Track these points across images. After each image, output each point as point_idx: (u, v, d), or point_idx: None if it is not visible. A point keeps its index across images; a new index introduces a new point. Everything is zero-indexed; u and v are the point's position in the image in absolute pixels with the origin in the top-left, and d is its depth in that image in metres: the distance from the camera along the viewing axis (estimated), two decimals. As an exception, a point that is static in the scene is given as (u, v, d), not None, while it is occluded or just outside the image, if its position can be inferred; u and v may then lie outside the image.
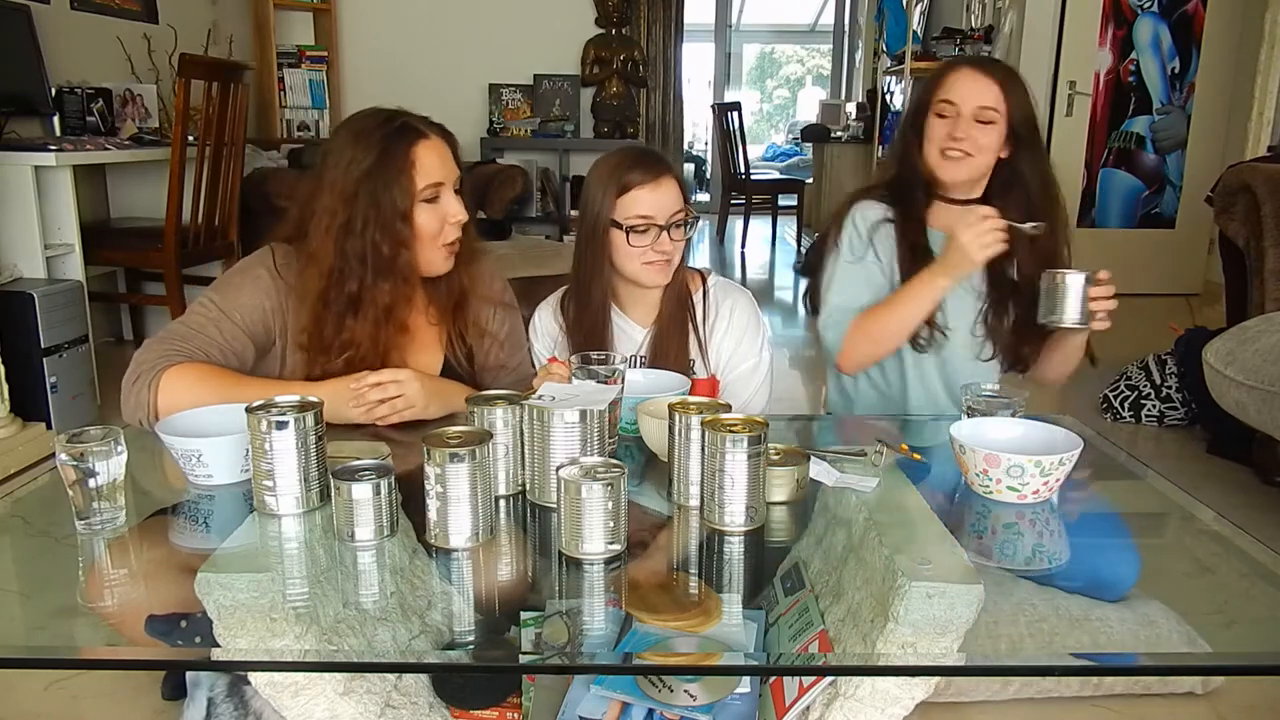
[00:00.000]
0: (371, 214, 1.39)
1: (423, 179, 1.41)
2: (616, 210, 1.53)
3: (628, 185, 1.53)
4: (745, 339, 1.65)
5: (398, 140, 1.41)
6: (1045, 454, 1.11)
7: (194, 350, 1.37)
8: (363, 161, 1.39)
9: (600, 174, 1.57)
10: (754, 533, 1.06)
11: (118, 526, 1.06)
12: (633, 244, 1.53)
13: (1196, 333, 2.90)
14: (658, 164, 1.56)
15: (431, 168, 1.42)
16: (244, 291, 1.44)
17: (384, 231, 1.40)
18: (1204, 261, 5.04)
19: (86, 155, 2.93)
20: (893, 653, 0.86)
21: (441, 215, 1.44)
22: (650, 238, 1.53)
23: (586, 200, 1.58)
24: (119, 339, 3.84)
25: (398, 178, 1.39)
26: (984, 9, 5.80)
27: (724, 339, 1.64)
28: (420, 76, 5.38)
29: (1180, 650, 0.93)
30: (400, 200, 1.39)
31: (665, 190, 1.54)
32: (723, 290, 1.68)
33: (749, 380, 1.65)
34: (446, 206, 1.44)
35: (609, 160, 1.58)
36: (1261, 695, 1.55)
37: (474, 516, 1.01)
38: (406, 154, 1.40)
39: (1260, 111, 4.48)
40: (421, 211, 1.42)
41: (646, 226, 1.52)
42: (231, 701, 1.23)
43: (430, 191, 1.42)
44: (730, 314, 1.65)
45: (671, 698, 1.11)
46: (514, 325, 1.65)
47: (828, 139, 7.33)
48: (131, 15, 3.94)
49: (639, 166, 1.54)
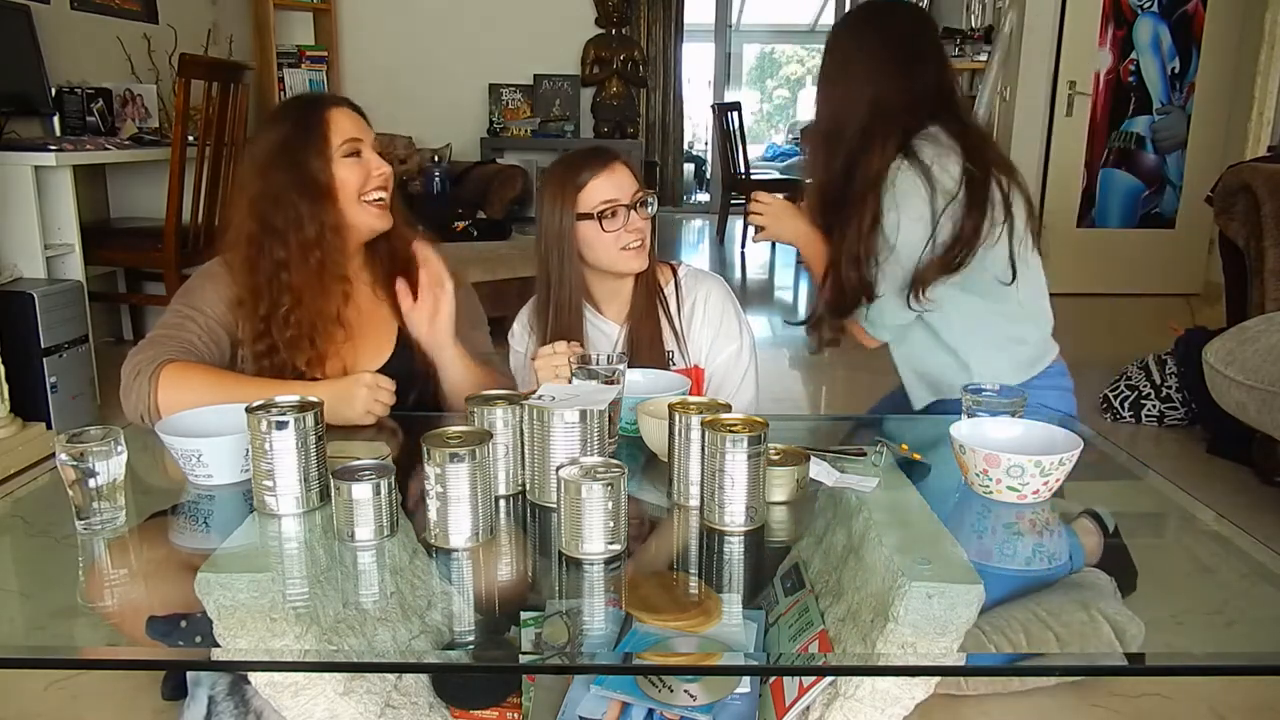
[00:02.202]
0: (292, 177, 1.44)
1: (338, 137, 1.47)
2: (579, 205, 1.55)
3: (583, 179, 1.55)
4: (723, 324, 1.66)
5: (309, 109, 1.49)
6: (1045, 454, 1.11)
7: (181, 346, 1.40)
8: (276, 136, 1.47)
9: (553, 181, 1.59)
10: (754, 533, 1.06)
11: (118, 526, 1.06)
12: (606, 229, 1.54)
13: (1196, 333, 2.90)
14: (605, 153, 1.60)
15: (346, 128, 1.48)
16: (206, 290, 1.49)
17: (303, 189, 1.44)
18: (1204, 261, 5.04)
19: (86, 155, 2.93)
20: (893, 653, 0.86)
21: (365, 169, 1.49)
22: (621, 219, 1.55)
23: (543, 210, 1.59)
24: (119, 339, 3.85)
25: (313, 139, 1.46)
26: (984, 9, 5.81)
27: (701, 328, 1.66)
28: (420, 76, 5.38)
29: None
30: (315, 159, 1.45)
31: (620, 174, 1.58)
32: (694, 279, 1.69)
33: (734, 366, 1.66)
34: (369, 161, 1.50)
35: (556, 168, 1.61)
36: (1262, 695, 1.55)
37: (474, 516, 1.02)
38: (321, 118, 1.47)
39: (1260, 111, 4.48)
40: (342, 166, 1.47)
41: (613, 209, 1.55)
42: (232, 700, 1.23)
43: (349, 147, 1.48)
44: (705, 301, 1.66)
45: (671, 698, 1.11)
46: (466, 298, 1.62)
47: (828, 139, 7.31)
48: (131, 15, 3.94)
49: (588, 161, 1.58)
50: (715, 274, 1.74)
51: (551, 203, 1.57)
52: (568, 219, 1.55)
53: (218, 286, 1.48)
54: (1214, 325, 2.77)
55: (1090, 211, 5.21)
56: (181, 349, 1.40)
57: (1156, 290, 5.18)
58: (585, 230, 1.55)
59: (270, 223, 1.44)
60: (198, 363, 1.40)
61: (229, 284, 1.48)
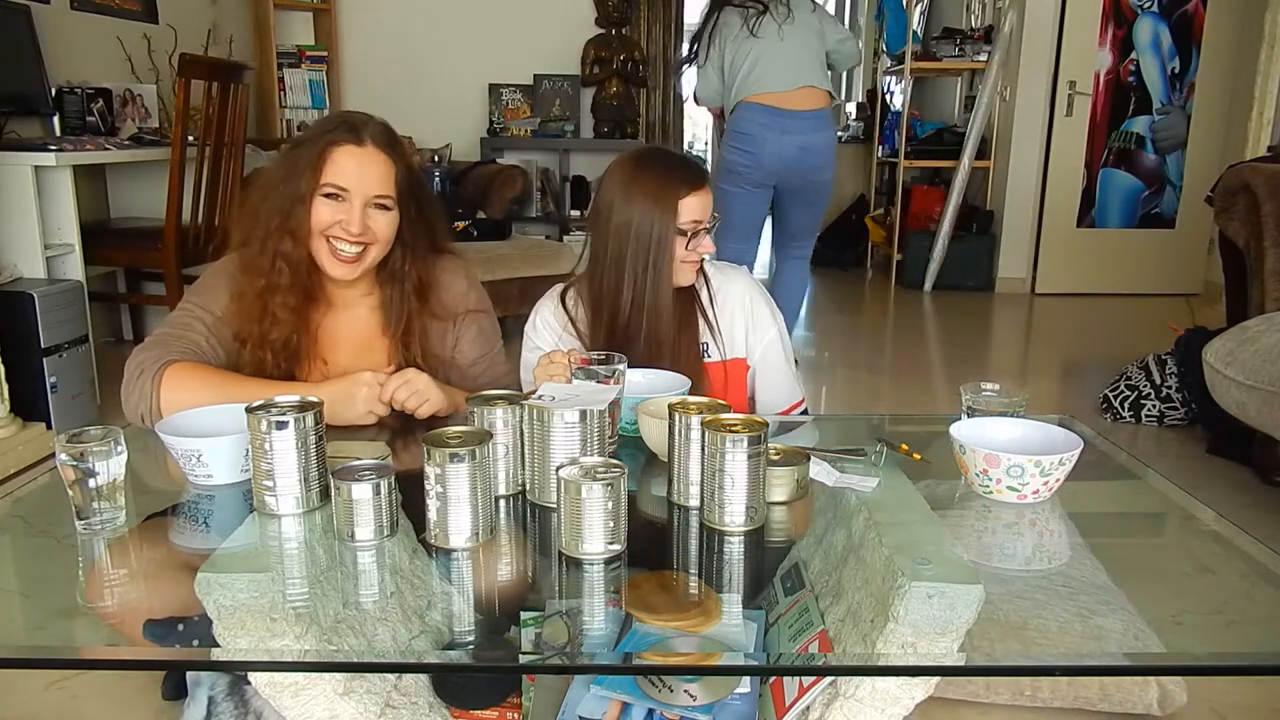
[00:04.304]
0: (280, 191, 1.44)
1: (328, 176, 1.42)
2: (679, 217, 1.54)
3: (684, 193, 1.54)
4: (755, 314, 1.67)
5: (326, 133, 1.44)
6: (1045, 454, 1.11)
7: (186, 347, 1.40)
8: (291, 150, 1.47)
9: (648, 184, 1.54)
10: (754, 533, 1.06)
11: (118, 526, 1.06)
12: (689, 248, 1.56)
13: (1196, 333, 2.90)
14: (701, 171, 1.60)
15: (342, 172, 1.42)
16: (219, 289, 1.48)
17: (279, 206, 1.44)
18: (1204, 261, 5.04)
19: (86, 155, 2.93)
20: (893, 653, 0.86)
21: (336, 217, 1.42)
22: (700, 240, 1.57)
23: (634, 210, 1.54)
24: (119, 339, 3.85)
25: (309, 165, 1.42)
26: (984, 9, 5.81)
27: (735, 315, 1.67)
28: (420, 76, 5.37)
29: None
30: (302, 185, 1.42)
31: (708, 196, 1.58)
32: (719, 270, 1.70)
33: (773, 352, 1.68)
34: (348, 213, 1.42)
35: (650, 169, 1.56)
36: (1262, 695, 1.55)
37: (474, 516, 1.02)
38: (325, 149, 1.42)
39: (1260, 111, 4.48)
40: (320, 205, 1.42)
41: (697, 230, 1.56)
42: (232, 700, 1.23)
43: (330, 189, 1.42)
44: (735, 292, 1.67)
45: (671, 698, 1.11)
46: (480, 327, 1.62)
47: (828, 139, 7.32)
48: (131, 15, 3.94)
49: (688, 175, 1.57)
50: (738, 265, 1.75)
51: (648, 206, 1.53)
52: (668, 229, 1.53)
53: (229, 285, 1.48)
54: (1214, 325, 2.77)
55: (1090, 211, 5.21)
56: (186, 349, 1.40)
57: (1156, 290, 5.18)
58: (676, 243, 1.56)
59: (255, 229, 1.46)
60: (201, 363, 1.39)
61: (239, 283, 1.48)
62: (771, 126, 3.15)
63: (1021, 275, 5.37)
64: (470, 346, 1.59)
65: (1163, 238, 5.21)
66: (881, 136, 6.16)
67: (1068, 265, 5.27)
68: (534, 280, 3.66)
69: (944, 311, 5.02)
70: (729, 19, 3.22)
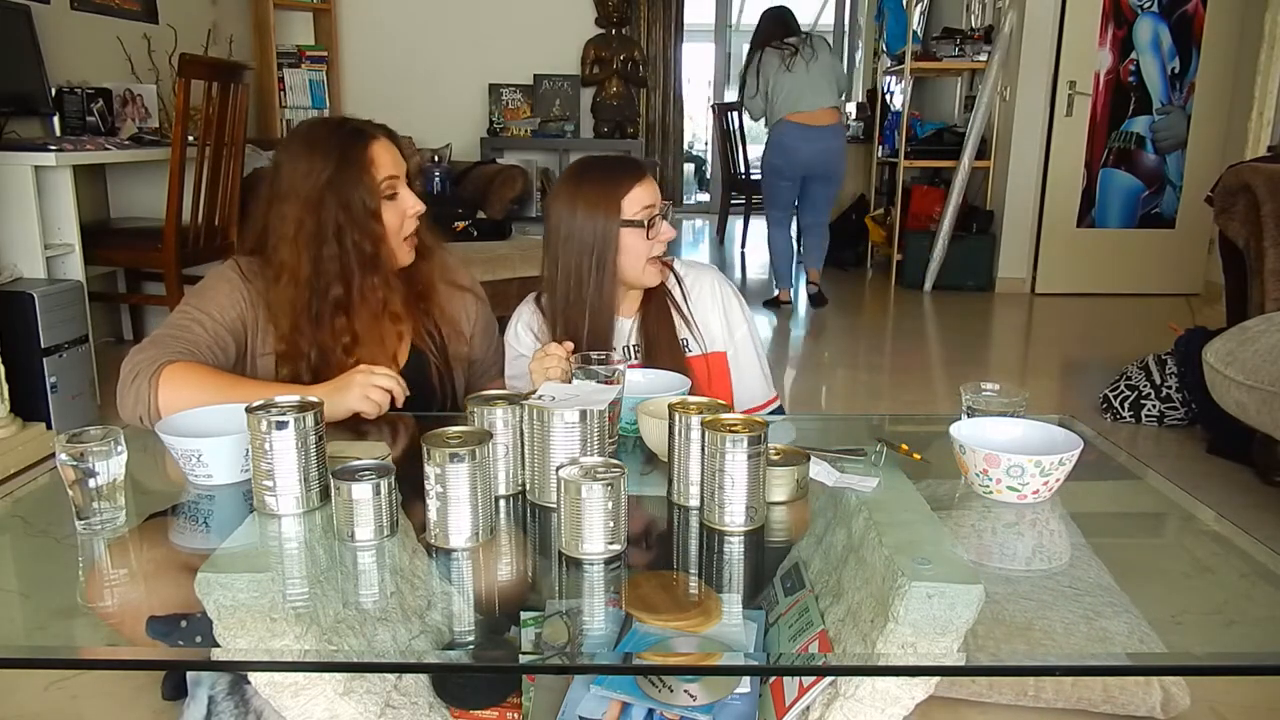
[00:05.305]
0: (343, 216, 1.45)
1: (381, 174, 1.48)
2: (624, 211, 1.56)
3: (626, 187, 1.57)
4: (729, 309, 1.71)
5: (352, 143, 1.47)
6: (1045, 454, 1.11)
7: (184, 347, 1.40)
8: (323, 169, 1.44)
9: (589, 187, 1.58)
10: (754, 533, 1.06)
11: (118, 526, 1.06)
12: (650, 236, 1.57)
13: (1196, 333, 2.90)
14: (637, 163, 1.67)
15: (386, 164, 1.50)
16: (219, 293, 1.48)
17: (362, 231, 1.46)
18: (1204, 261, 5.04)
19: (86, 155, 2.93)
20: (893, 653, 0.86)
21: (401, 210, 1.51)
22: (658, 227, 1.59)
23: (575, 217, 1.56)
24: (119, 339, 3.85)
25: (361, 177, 1.46)
26: (984, 9, 5.81)
27: (709, 309, 1.70)
28: (420, 76, 5.38)
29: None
30: (369, 199, 1.46)
31: (652, 184, 1.61)
32: (690, 268, 1.73)
33: (748, 346, 1.72)
34: (404, 200, 1.52)
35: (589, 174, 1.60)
36: (1262, 695, 1.55)
37: (474, 516, 1.02)
38: (364, 154, 1.47)
39: (1260, 111, 4.48)
40: (385, 209, 1.49)
41: (653, 216, 1.58)
42: (232, 700, 1.23)
43: (388, 186, 1.49)
44: (708, 288, 1.71)
45: (671, 698, 1.11)
46: (486, 316, 1.71)
47: (828, 139, 7.32)
48: (131, 15, 3.94)
49: (626, 169, 1.60)
50: (707, 263, 1.77)
51: (590, 209, 1.56)
52: (611, 225, 1.56)
53: (232, 292, 1.48)
54: (1214, 325, 2.77)
55: (1090, 211, 5.21)
56: (184, 350, 1.39)
57: (1156, 290, 5.18)
58: (625, 237, 1.57)
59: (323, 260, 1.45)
60: (199, 363, 1.39)
61: (245, 292, 1.48)
62: (801, 138, 4.61)
63: (1021, 275, 5.37)
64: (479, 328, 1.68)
65: (1163, 238, 5.21)
66: (881, 136, 6.16)
67: (1068, 265, 5.27)
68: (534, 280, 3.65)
69: (944, 311, 5.02)
70: (769, 58, 4.59)
